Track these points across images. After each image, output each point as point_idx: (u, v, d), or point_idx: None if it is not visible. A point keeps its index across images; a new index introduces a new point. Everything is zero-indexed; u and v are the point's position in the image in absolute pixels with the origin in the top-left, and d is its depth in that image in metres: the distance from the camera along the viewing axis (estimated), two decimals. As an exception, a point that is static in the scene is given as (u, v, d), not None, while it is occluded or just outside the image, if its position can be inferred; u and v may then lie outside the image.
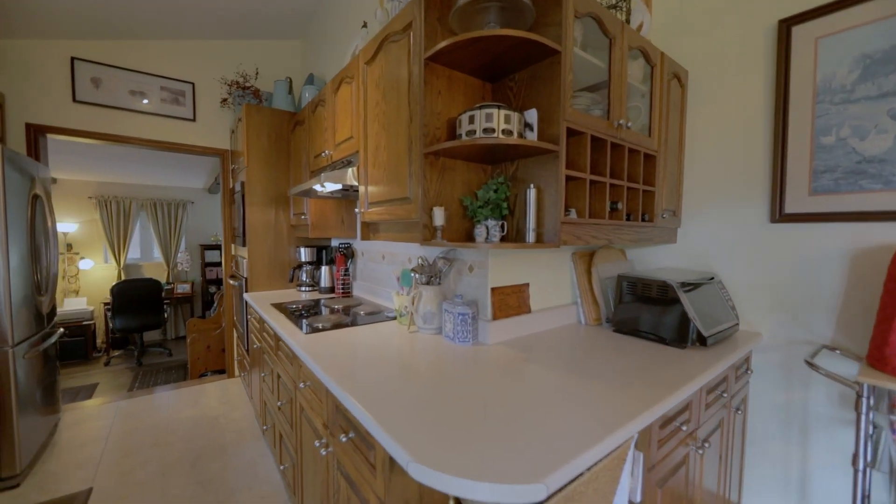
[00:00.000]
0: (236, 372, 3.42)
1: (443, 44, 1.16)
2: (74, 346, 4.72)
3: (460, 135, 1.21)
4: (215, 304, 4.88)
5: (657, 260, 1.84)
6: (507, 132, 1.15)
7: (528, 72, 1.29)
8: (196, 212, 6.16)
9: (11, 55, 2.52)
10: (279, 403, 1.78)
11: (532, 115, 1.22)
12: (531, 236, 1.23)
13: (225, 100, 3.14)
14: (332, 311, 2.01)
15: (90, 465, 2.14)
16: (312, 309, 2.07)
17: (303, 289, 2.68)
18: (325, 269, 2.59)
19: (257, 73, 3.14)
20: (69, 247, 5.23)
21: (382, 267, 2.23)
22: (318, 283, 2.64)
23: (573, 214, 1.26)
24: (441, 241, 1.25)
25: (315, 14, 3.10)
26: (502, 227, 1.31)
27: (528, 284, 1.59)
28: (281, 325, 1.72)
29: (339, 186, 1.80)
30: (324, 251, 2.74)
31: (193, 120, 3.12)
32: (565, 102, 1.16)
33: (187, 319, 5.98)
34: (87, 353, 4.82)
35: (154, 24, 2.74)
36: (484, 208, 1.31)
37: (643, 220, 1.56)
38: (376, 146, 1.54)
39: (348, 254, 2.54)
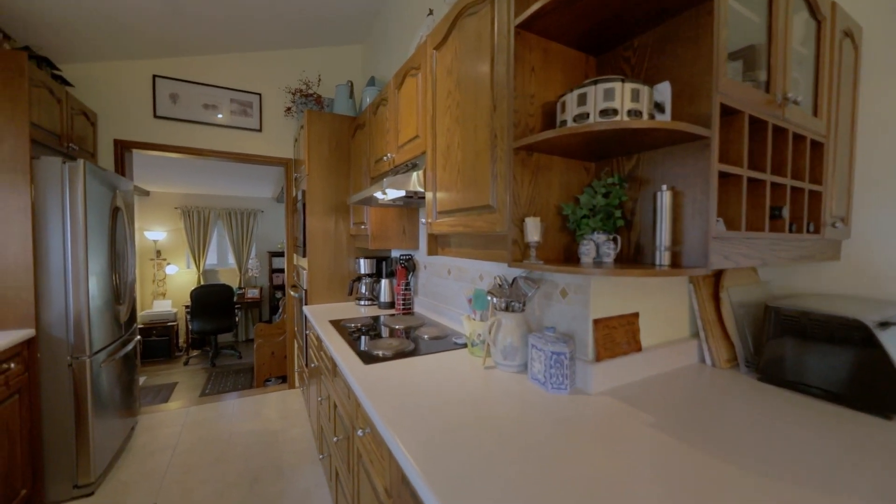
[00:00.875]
0: (296, 383, 3.39)
1: (541, 2, 0.88)
2: (160, 345, 5.10)
3: (564, 121, 0.91)
4: (280, 310, 5.02)
5: (804, 282, 1.37)
6: (635, 113, 0.84)
7: (657, 33, 0.95)
8: (265, 220, 6.46)
9: (102, 76, 2.68)
10: (335, 439, 1.60)
11: (663, 91, 0.89)
12: (663, 257, 0.89)
13: (289, 108, 3.13)
14: (393, 332, 1.80)
15: (156, 476, 2.14)
16: (371, 329, 1.87)
17: (362, 302, 2.53)
18: (384, 283, 2.41)
19: (319, 80, 3.10)
20: (158, 253, 5.71)
21: (448, 283, 1.99)
22: (377, 298, 2.47)
23: (721, 226, 0.90)
24: (535, 262, 0.96)
25: (379, 13, 2.98)
26: (615, 242, 0.98)
27: (637, 314, 1.24)
28: (337, 349, 1.54)
29: (401, 193, 1.58)
30: (384, 263, 2.58)
31: (260, 130, 3.15)
32: (720, 69, 0.82)
33: (256, 323, 6.30)
34: (170, 352, 5.19)
35: (225, 38, 2.79)
36: (590, 218, 1.00)
37: (808, 230, 1.14)
38: (447, 145, 1.29)
39: (410, 266, 2.33)
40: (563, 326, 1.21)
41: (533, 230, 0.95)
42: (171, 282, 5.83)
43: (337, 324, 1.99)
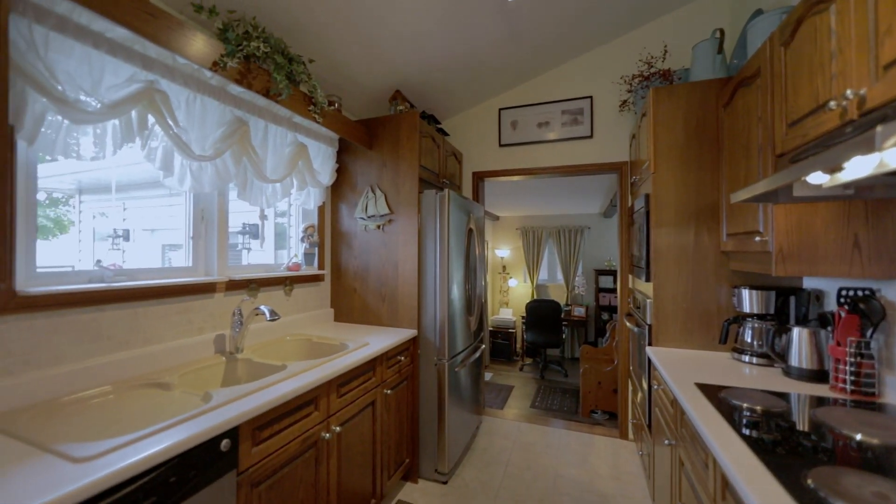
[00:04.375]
0: (630, 434, 2.75)
1: None
2: (502, 347, 5.89)
3: None
4: (608, 335, 4.54)
5: None
6: None
7: None
8: (591, 237, 6.25)
9: (466, 122, 3.24)
10: None
11: None
12: None
13: (624, 102, 2.64)
14: (853, 442, 0.87)
15: (490, 492, 2.15)
16: (782, 421, 1.01)
17: (745, 358, 1.60)
18: (798, 334, 1.39)
19: (665, 52, 2.41)
20: (503, 268, 6.72)
21: None
22: (780, 355, 1.47)
23: None
24: None
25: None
26: None
27: None
28: (733, 458, 0.84)
29: (876, 169, 0.69)
30: (791, 298, 1.53)
31: (591, 136, 2.84)
32: None
33: (581, 343, 6.15)
34: (509, 356, 5.89)
35: (555, 48, 2.69)
36: None
37: None
38: None
39: (870, 311, 1.21)
40: None
41: None
42: (512, 293, 6.70)
43: (712, 394, 1.25)
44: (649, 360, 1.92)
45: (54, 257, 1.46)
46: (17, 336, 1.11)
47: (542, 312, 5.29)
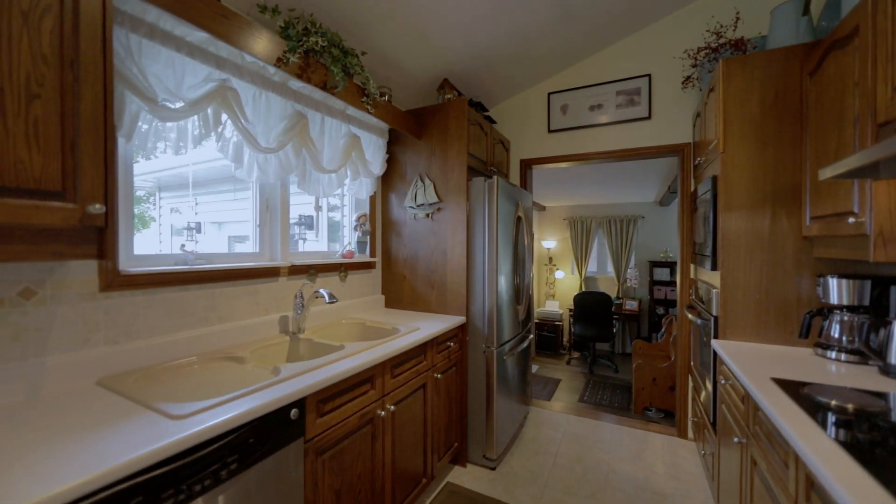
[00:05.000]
0: (689, 433, 2.60)
1: None
2: (549, 340, 5.77)
3: None
4: (663, 330, 4.29)
5: None
6: None
7: None
8: (645, 226, 5.91)
9: (513, 108, 3.18)
10: None
11: None
12: None
13: (688, 78, 2.44)
14: None
15: (539, 480, 2.13)
16: (884, 422, 0.90)
17: (831, 353, 1.45)
18: (901, 328, 1.23)
19: (737, 19, 2.19)
20: (550, 259, 6.55)
21: None
22: (877, 352, 1.31)
23: None
24: None
25: None
26: None
27: None
28: (819, 453, 0.77)
29: None
30: (893, 288, 1.35)
31: (648, 117, 2.67)
32: None
33: (633, 338, 5.86)
34: (556, 349, 5.76)
35: (610, 25, 2.54)
36: None
37: None
38: None
39: None
40: None
41: None
42: (559, 285, 6.53)
43: (792, 390, 1.14)
44: (715, 354, 1.79)
45: (140, 250, 1.64)
46: (120, 310, 1.27)
47: (591, 305, 5.11)
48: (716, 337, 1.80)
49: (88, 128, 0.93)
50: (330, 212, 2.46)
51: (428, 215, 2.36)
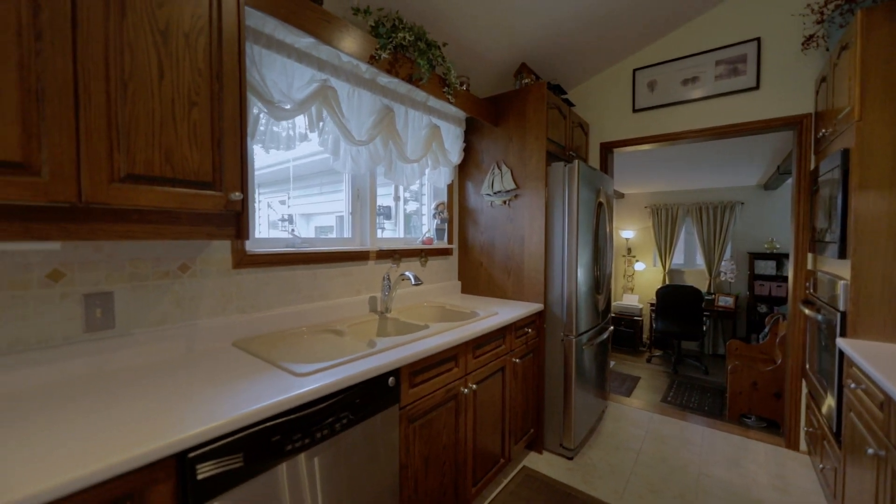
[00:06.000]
0: (802, 444, 2.30)
1: None
2: (626, 336, 5.44)
3: None
4: (766, 330, 3.80)
5: None
6: None
7: None
8: (745, 214, 5.24)
9: (593, 90, 3.02)
10: None
11: None
12: None
13: (810, 38, 2.11)
14: None
15: (620, 476, 2.06)
16: None
17: None
18: None
19: (882, -38, 1.82)
20: (629, 250, 6.14)
21: None
22: None
23: None
24: None
25: None
26: None
27: None
28: None
29: None
30: None
31: (756, 87, 2.36)
32: None
33: (727, 338, 5.27)
34: (634, 345, 5.41)
35: (713, -14, 2.28)
36: None
37: None
38: None
39: None
40: None
41: None
42: (638, 278, 6.10)
43: (953, 396, 0.97)
44: (841, 355, 1.56)
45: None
46: (247, 285, 1.49)
47: (677, 300, 4.70)
48: (843, 335, 1.57)
49: (229, 128, 1.11)
50: (406, 203, 2.59)
51: (505, 202, 2.37)
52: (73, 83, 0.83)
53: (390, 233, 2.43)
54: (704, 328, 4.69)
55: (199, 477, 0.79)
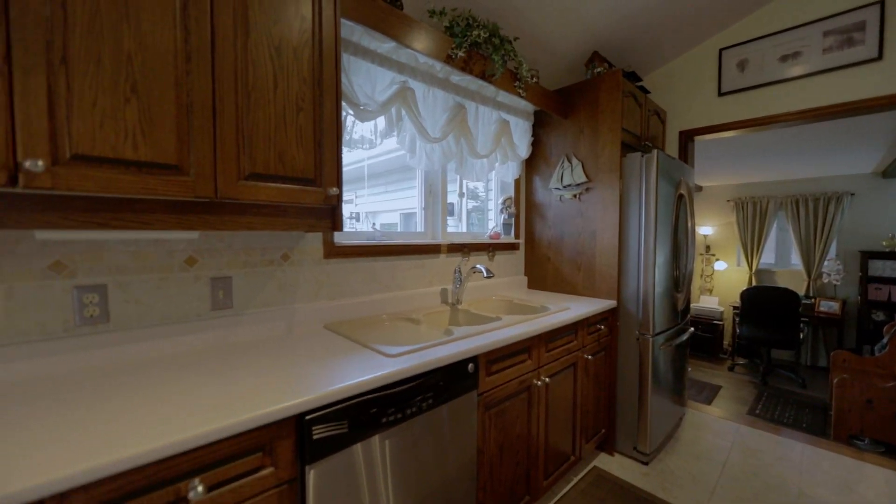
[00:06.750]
0: (935, 473, 1.97)
1: None
2: (705, 341, 5.00)
3: None
4: (885, 340, 3.28)
5: None
6: None
7: None
8: (856, 206, 4.55)
9: (670, 75, 2.82)
10: None
11: None
12: None
13: (953, -5, 1.79)
14: None
15: (703, 487, 1.92)
16: None
17: None
18: None
19: None
20: (707, 248, 5.63)
21: None
22: None
23: None
24: None
25: None
26: None
27: None
28: None
29: None
30: None
31: (878, 58, 2.05)
32: None
33: (831, 348, 4.61)
34: (713, 352, 4.96)
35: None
36: None
37: None
38: None
39: None
40: None
41: None
42: (718, 278, 5.58)
43: None
44: None
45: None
46: (334, 274, 1.63)
47: (767, 303, 4.22)
48: None
49: (328, 130, 1.22)
50: (470, 200, 2.63)
51: (575, 196, 2.31)
52: (212, 97, 0.98)
53: (453, 228, 2.49)
54: (801, 336, 4.16)
55: (315, 437, 0.89)
